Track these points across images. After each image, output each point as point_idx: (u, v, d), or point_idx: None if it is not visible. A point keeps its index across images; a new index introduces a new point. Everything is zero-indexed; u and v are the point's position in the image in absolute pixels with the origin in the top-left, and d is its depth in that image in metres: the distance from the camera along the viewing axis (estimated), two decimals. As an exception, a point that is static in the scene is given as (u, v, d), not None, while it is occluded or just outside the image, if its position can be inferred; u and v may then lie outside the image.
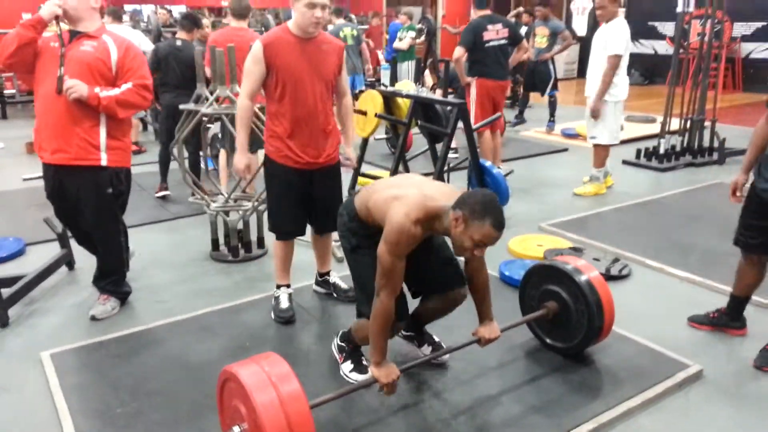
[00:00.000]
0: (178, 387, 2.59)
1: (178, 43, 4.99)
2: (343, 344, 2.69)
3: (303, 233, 3.16)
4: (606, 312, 2.60)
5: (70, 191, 3.02)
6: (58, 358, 2.79)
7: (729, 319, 2.96)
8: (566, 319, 2.69)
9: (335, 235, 3.50)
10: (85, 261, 3.77)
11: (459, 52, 5.33)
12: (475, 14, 5.50)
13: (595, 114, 4.96)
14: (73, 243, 3.81)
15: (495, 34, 5.33)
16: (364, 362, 2.59)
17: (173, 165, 4.92)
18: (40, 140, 2.96)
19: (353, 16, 10.69)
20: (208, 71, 4.20)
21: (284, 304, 3.14)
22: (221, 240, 4.03)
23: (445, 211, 2.13)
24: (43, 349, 2.87)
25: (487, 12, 5.45)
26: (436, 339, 2.75)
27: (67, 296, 3.47)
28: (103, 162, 2.97)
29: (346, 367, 2.63)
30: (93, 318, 3.15)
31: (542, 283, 2.78)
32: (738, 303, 2.93)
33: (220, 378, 2.06)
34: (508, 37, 5.39)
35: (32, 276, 3.39)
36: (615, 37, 4.77)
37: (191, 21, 5.23)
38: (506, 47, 5.44)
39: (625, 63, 4.88)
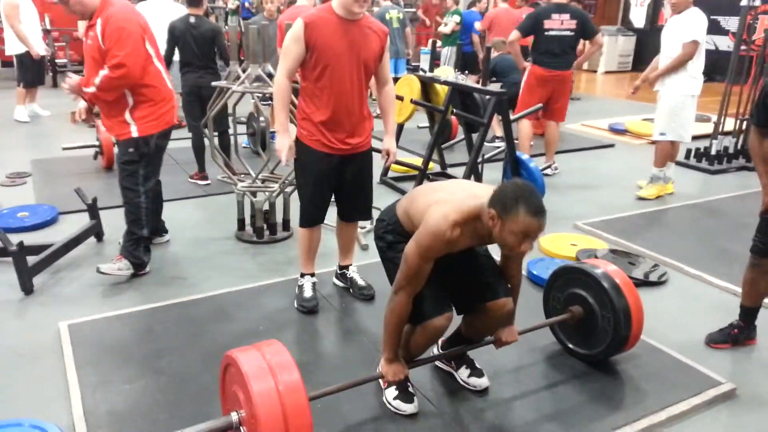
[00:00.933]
0: (188, 367, 2.57)
1: (192, 19, 4.71)
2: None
3: (322, 221, 3.06)
4: (634, 321, 2.46)
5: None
6: (75, 329, 2.81)
7: (748, 333, 2.83)
8: (591, 325, 2.55)
9: (360, 221, 3.44)
10: (114, 233, 3.81)
11: (513, 36, 5.32)
12: None
13: (652, 83, 4.71)
14: (102, 214, 3.87)
15: (559, 23, 5.18)
16: (411, 389, 2.35)
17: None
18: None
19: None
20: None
21: (308, 293, 3.07)
22: (247, 220, 4.01)
23: (484, 209, 1.96)
24: (63, 318, 2.90)
25: (560, 0, 5.27)
26: (477, 364, 2.50)
27: (93, 267, 3.47)
28: (134, 134, 3.20)
29: (390, 393, 2.34)
30: (97, 270, 3.24)
31: (568, 285, 2.65)
32: (754, 313, 2.81)
33: (222, 362, 2.02)
34: (575, 29, 5.19)
35: (59, 245, 3.44)
36: (694, 24, 4.48)
37: None
38: (571, 38, 5.24)
39: (702, 55, 4.59)
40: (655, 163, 4.91)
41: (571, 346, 2.68)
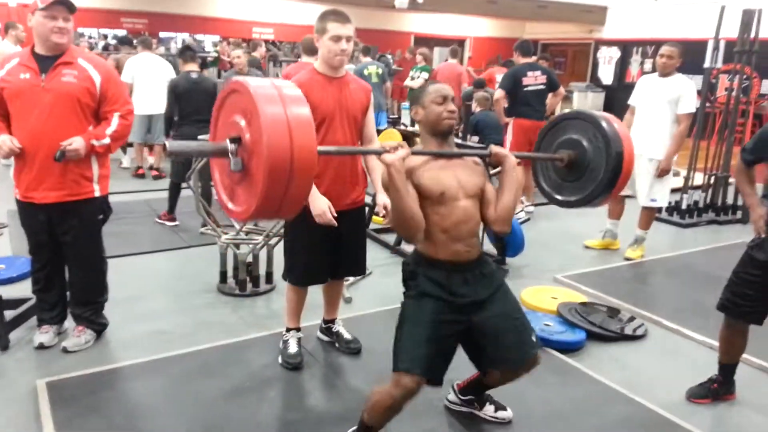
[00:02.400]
0: (170, 426, 2.51)
1: (194, 75, 5.11)
2: None
3: (325, 281, 3.03)
4: (624, 145, 2.36)
5: (57, 226, 2.97)
6: (53, 388, 2.73)
7: (727, 388, 2.87)
8: (582, 161, 2.45)
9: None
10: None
11: (498, 94, 5.87)
12: (518, 60, 6.03)
13: (666, 173, 4.68)
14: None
15: (534, 79, 5.80)
16: None
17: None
18: (27, 181, 2.87)
19: (389, 57, 10.87)
20: None
21: (293, 348, 3.03)
22: (230, 273, 4.00)
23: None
24: (41, 376, 2.82)
25: (530, 60, 6.02)
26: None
27: (71, 322, 3.43)
28: (96, 193, 2.98)
29: None
30: (64, 350, 3.06)
31: (557, 137, 2.55)
32: (732, 369, 2.86)
33: (221, 94, 1.88)
34: (545, 83, 5.84)
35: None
36: (692, 95, 4.55)
37: (191, 52, 5.44)
38: (543, 92, 5.88)
39: None
40: (643, 227, 4.92)
41: (561, 198, 2.60)
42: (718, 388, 2.85)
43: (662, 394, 2.89)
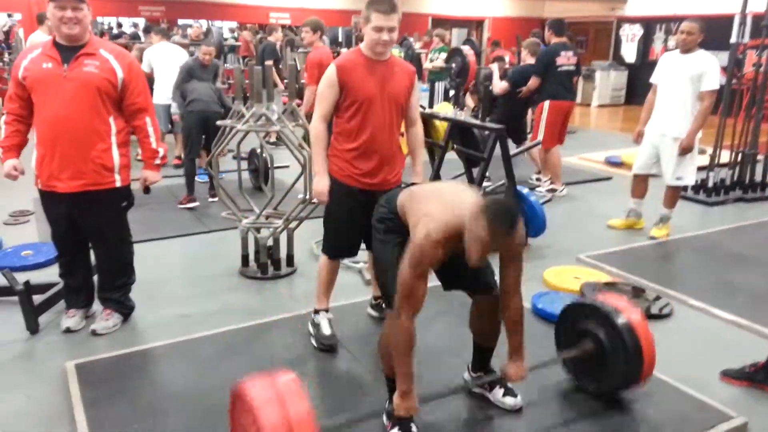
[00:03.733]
0: (196, 407, 2.55)
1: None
2: (390, 409, 2.35)
3: (356, 254, 3.11)
4: (645, 357, 2.46)
5: (80, 214, 3.00)
6: (82, 369, 2.78)
7: (767, 376, 2.76)
8: (602, 360, 2.55)
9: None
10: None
11: (535, 83, 5.88)
12: (550, 39, 6.02)
13: (688, 151, 4.54)
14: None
15: (566, 60, 5.87)
16: (414, 430, 2.30)
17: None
18: (49, 170, 2.88)
19: (411, 39, 10.79)
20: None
21: (326, 330, 3.04)
22: (251, 256, 4.02)
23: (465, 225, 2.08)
24: (70, 358, 2.88)
25: (563, 39, 6.01)
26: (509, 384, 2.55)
27: (98, 305, 3.48)
28: (118, 183, 3.00)
29: None
30: (94, 333, 3.11)
31: (579, 321, 2.65)
32: None
33: (231, 396, 2.01)
34: (576, 64, 5.96)
35: (65, 284, 3.42)
36: (715, 71, 4.40)
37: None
38: (574, 72, 6.02)
39: None
40: (669, 205, 4.81)
41: (581, 382, 2.67)
42: (755, 373, 2.76)
43: (688, 372, 2.85)
